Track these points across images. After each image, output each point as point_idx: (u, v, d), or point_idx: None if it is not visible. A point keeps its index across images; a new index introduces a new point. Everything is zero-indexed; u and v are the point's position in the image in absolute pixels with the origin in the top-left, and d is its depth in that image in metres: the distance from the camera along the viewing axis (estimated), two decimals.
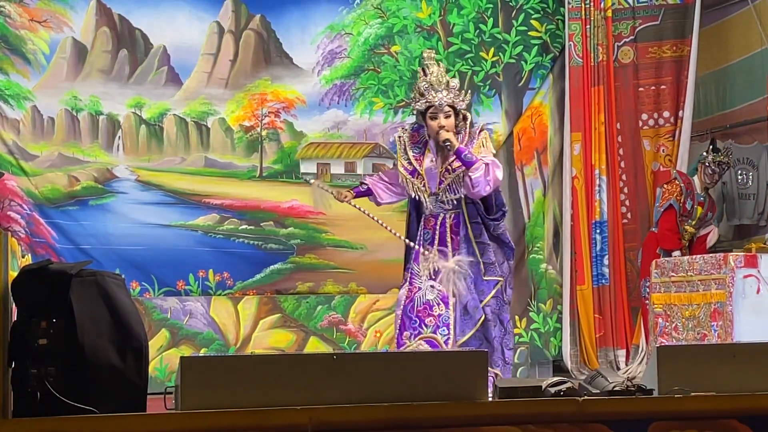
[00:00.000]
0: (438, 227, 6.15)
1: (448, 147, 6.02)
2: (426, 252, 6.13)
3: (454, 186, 6.07)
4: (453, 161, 6.03)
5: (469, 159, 5.97)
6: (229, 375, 3.81)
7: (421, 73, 6.12)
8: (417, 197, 6.15)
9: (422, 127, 6.20)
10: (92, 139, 8.34)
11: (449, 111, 6.06)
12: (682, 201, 8.32)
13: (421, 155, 6.20)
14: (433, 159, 6.15)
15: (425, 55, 6.29)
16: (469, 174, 5.96)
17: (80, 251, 8.08)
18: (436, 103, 6.04)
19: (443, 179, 6.09)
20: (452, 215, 6.12)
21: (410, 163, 6.18)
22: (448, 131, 6.05)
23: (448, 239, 6.13)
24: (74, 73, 8.34)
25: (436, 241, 6.15)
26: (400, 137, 6.29)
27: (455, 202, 6.11)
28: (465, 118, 6.16)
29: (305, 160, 8.70)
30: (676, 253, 8.29)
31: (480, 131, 6.17)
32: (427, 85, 6.07)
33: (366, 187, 6.40)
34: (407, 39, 8.88)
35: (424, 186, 6.14)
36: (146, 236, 8.30)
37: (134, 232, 8.30)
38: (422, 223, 6.20)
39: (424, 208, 6.18)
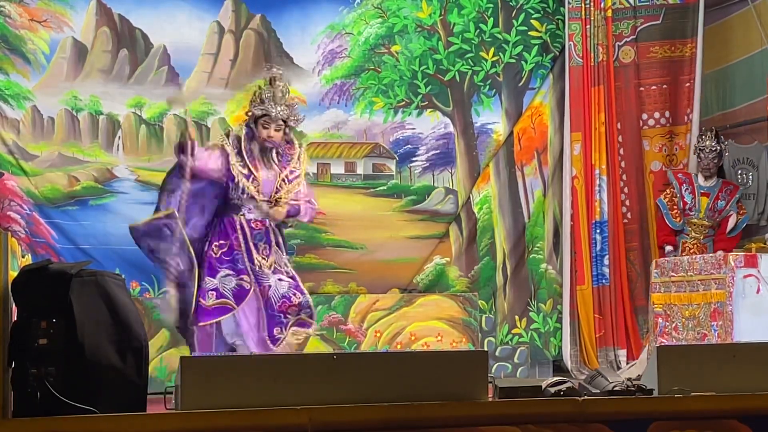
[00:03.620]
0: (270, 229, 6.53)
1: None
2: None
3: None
4: (289, 174, 6.48)
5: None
6: (229, 375, 3.82)
7: (268, 84, 6.51)
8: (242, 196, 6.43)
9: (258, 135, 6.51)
10: (92, 139, 8.34)
11: (281, 125, 6.47)
12: (677, 197, 8.39)
13: (254, 161, 6.49)
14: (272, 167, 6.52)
15: (274, 71, 6.66)
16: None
17: (80, 251, 8.07)
18: (272, 114, 6.43)
19: (279, 188, 6.47)
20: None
21: (245, 166, 6.45)
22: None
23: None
24: (74, 73, 8.34)
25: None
26: (228, 137, 6.57)
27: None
28: (289, 141, 6.60)
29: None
30: (669, 248, 8.33)
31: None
32: (269, 95, 6.48)
33: None
34: (408, 39, 8.88)
35: (257, 190, 6.43)
36: None
37: None
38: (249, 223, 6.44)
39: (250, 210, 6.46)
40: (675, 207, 8.48)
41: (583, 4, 8.90)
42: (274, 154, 6.50)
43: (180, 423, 3.67)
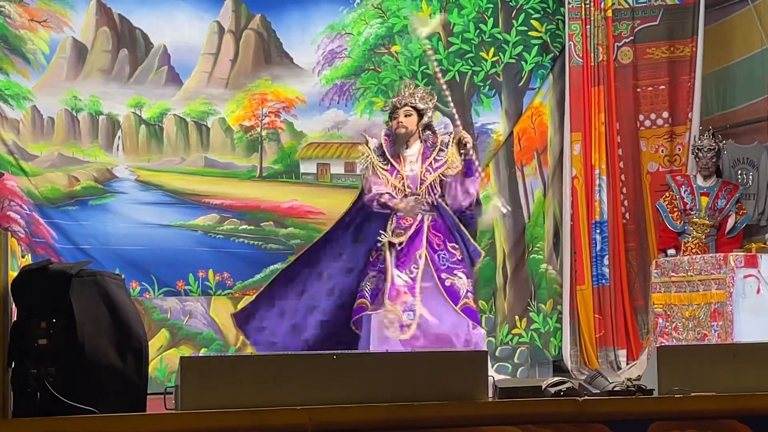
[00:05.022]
0: (415, 227, 6.46)
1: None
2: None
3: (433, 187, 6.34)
4: (432, 162, 6.27)
5: None
6: (229, 375, 3.82)
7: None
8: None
9: (392, 129, 6.59)
10: (92, 139, 8.34)
11: (410, 111, 6.49)
12: (677, 199, 8.41)
13: (397, 156, 6.55)
14: (413, 160, 6.53)
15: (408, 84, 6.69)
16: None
17: (80, 251, 8.07)
18: (395, 102, 6.53)
19: (423, 179, 6.43)
20: (430, 217, 6.40)
21: (388, 163, 6.54)
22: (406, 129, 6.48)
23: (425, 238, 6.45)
24: (74, 73, 8.34)
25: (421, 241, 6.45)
26: (367, 145, 6.61)
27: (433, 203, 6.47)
28: (428, 126, 6.58)
29: (305, 160, 8.70)
30: (671, 251, 8.32)
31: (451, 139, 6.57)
32: (397, 92, 6.63)
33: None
34: (407, 39, 8.88)
35: (403, 185, 6.48)
36: (146, 236, 8.30)
37: (134, 232, 8.30)
38: (396, 222, 6.46)
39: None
40: (675, 209, 8.48)
41: (583, 5, 8.90)
42: (411, 147, 6.55)
43: (180, 423, 3.68)
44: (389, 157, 6.52)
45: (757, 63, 8.70)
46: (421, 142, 6.56)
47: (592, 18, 8.90)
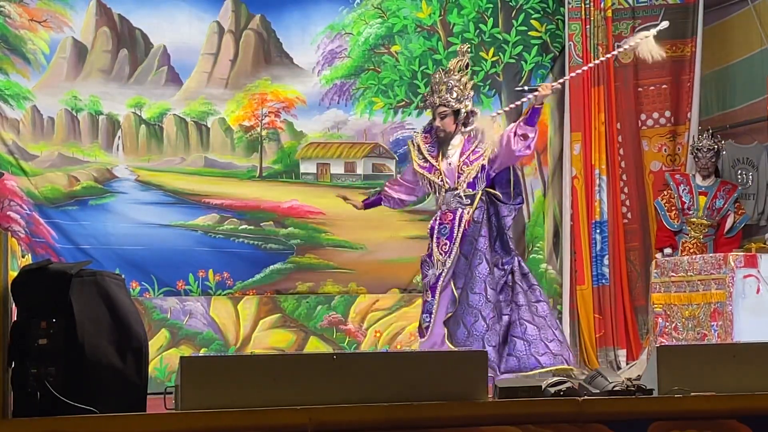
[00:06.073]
0: (456, 221, 6.47)
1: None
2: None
3: (473, 180, 6.34)
4: (470, 155, 6.31)
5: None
6: (229, 375, 3.82)
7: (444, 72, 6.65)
8: (435, 192, 6.58)
9: (433, 127, 6.60)
10: (92, 139, 8.34)
11: (444, 111, 6.49)
12: (675, 198, 8.40)
13: (437, 151, 6.57)
14: (451, 154, 6.55)
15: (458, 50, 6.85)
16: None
17: (80, 251, 8.08)
18: (431, 102, 6.55)
19: (461, 172, 6.44)
20: (469, 210, 6.42)
21: (426, 161, 6.57)
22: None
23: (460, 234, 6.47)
24: (74, 73, 8.34)
25: (455, 236, 6.49)
26: (412, 141, 6.71)
27: (472, 197, 6.47)
28: (473, 113, 6.61)
29: (305, 160, 8.70)
30: (668, 251, 8.33)
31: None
32: (434, 84, 6.59)
33: (375, 196, 6.88)
34: (407, 39, 8.88)
35: (441, 181, 6.49)
36: (146, 236, 8.30)
37: (134, 232, 8.30)
38: (439, 217, 6.54)
39: (441, 203, 6.55)
40: (673, 208, 8.48)
41: (582, 4, 8.90)
42: (451, 142, 6.55)
43: (180, 423, 3.67)
44: (426, 154, 6.59)
45: (757, 63, 8.70)
46: (462, 134, 6.58)
47: (592, 18, 8.90)
